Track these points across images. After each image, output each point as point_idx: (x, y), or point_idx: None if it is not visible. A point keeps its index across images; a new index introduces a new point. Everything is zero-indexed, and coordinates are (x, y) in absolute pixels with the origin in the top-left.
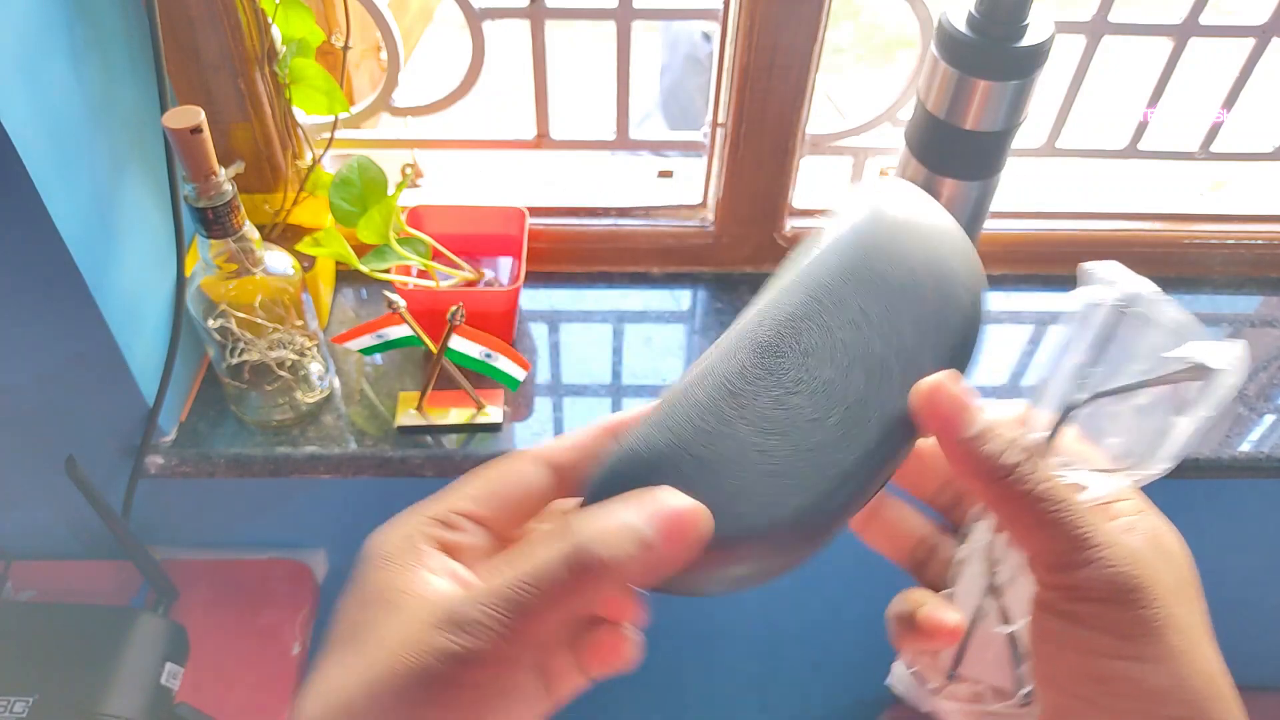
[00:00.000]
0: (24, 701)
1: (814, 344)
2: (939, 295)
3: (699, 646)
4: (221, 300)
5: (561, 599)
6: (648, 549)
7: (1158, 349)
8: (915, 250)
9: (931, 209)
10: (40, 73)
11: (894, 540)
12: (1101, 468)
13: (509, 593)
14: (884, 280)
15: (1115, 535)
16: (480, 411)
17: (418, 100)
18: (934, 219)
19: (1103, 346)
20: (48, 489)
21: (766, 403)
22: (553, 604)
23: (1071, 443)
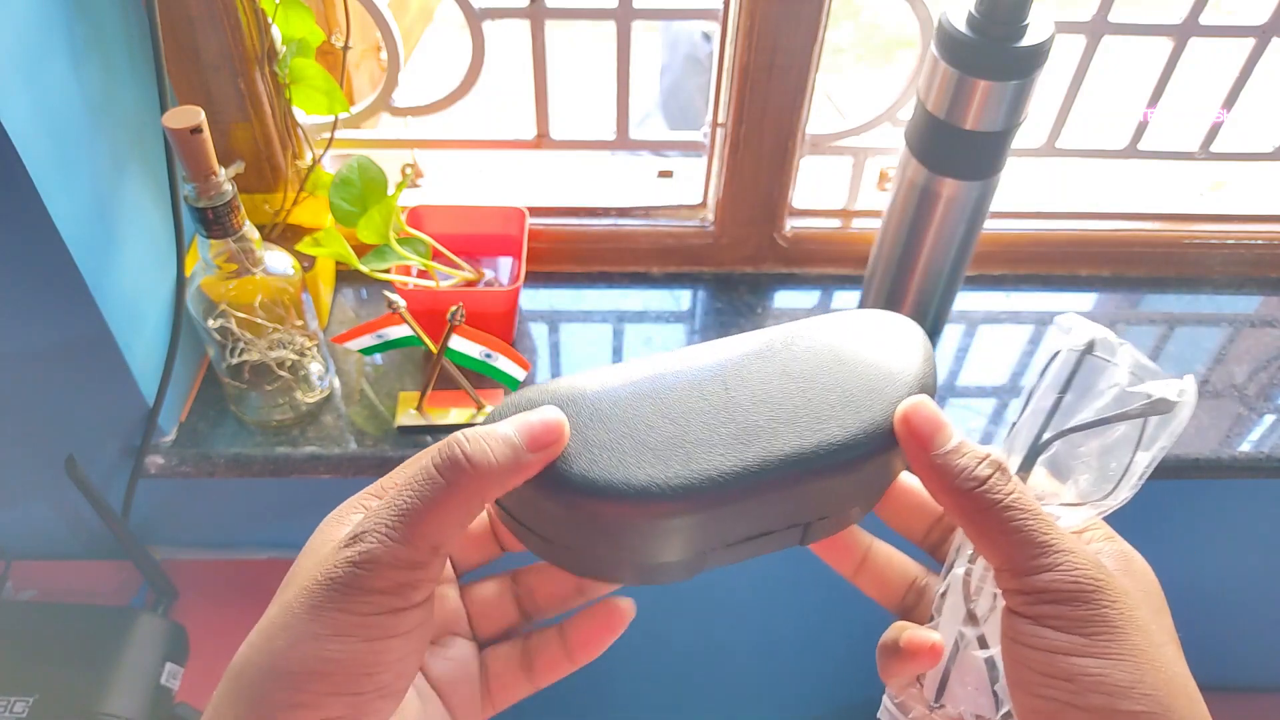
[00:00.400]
0: (24, 701)
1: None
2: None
3: (699, 649)
4: (221, 300)
5: (439, 499)
6: (510, 447)
7: (1118, 388)
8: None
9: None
10: (40, 73)
11: (884, 585)
12: (1069, 502)
13: (396, 501)
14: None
15: (1079, 544)
16: (480, 411)
17: (418, 100)
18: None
19: (1066, 390)
20: (47, 489)
21: (675, 397)
22: (432, 504)
23: (1041, 481)
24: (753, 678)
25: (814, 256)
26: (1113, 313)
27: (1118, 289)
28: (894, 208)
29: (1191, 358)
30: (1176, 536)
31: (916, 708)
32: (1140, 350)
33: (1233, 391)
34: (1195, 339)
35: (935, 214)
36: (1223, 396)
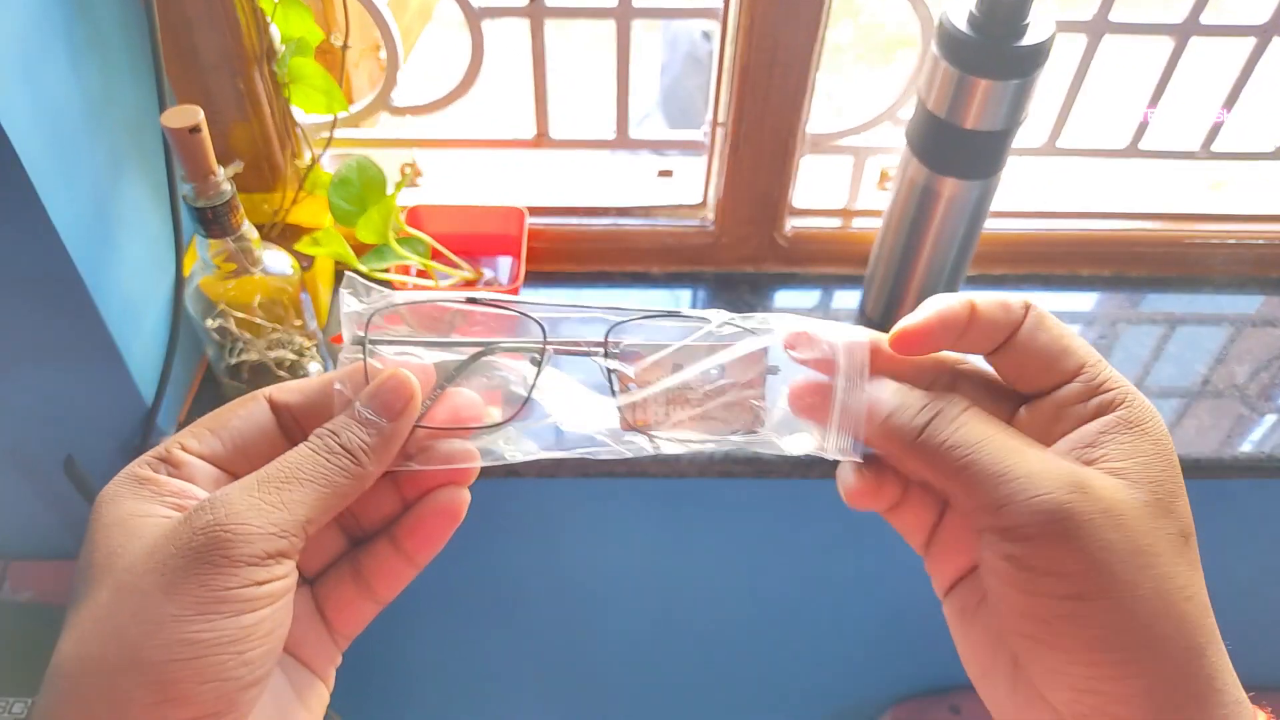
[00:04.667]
0: (22, 702)
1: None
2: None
3: (700, 647)
4: (220, 300)
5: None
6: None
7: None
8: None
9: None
10: (39, 72)
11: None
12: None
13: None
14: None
15: (1038, 463)
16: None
17: (417, 99)
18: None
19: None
20: (46, 489)
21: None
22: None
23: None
24: (753, 678)
25: (814, 256)
26: (1114, 312)
27: (1119, 289)
28: (894, 207)
29: (1193, 357)
30: None
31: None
32: (1142, 350)
33: (1234, 391)
34: (1196, 339)
35: (936, 213)
36: (1224, 396)
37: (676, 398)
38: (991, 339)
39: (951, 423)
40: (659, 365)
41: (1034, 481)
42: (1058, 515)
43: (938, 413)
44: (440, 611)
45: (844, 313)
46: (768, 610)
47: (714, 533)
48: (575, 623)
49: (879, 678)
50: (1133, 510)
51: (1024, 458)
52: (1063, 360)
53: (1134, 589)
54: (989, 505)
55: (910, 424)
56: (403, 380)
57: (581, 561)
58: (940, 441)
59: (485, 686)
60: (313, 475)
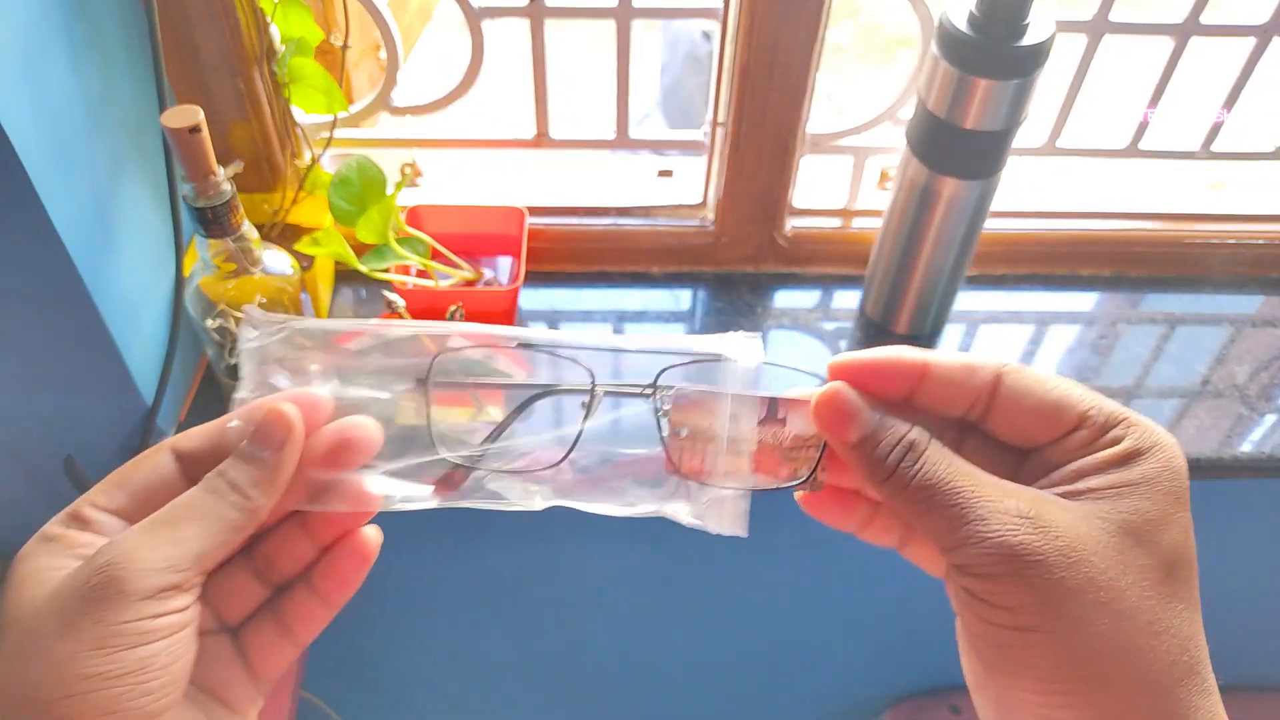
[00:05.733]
0: None
1: None
2: None
3: (700, 646)
4: (220, 300)
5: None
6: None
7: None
8: None
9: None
10: (39, 72)
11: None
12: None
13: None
14: None
15: (993, 506)
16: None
17: (417, 99)
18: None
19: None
20: (46, 489)
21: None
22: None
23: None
24: (752, 678)
25: (814, 256)
26: (1113, 312)
27: (1119, 289)
28: (894, 207)
29: (1192, 358)
30: None
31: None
32: (1142, 350)
33: (1234, 391)
34: (1196, 339)
35: (936, 213)
36: (1224, 396)
37: (728, 447)
38: (957, 401)
39: (916, 462)
40: (711, 411)
41: (986, 524)
42: (1006, 555)
43: (909, 450)
44: (440, 612)
45: (844, 312)
46: (767, 610)
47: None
48: (574, 622)
49: (878, 678)
50: (1094, 544)
51: (981, 498)
52: (1060, 414)
53: (1084, 624)
54: (947, 545)
55: (883, 461)
56: (279, 413)
57: (581, 561)
58: (905, 483)
59: (484, 687)
60: (203, 513)
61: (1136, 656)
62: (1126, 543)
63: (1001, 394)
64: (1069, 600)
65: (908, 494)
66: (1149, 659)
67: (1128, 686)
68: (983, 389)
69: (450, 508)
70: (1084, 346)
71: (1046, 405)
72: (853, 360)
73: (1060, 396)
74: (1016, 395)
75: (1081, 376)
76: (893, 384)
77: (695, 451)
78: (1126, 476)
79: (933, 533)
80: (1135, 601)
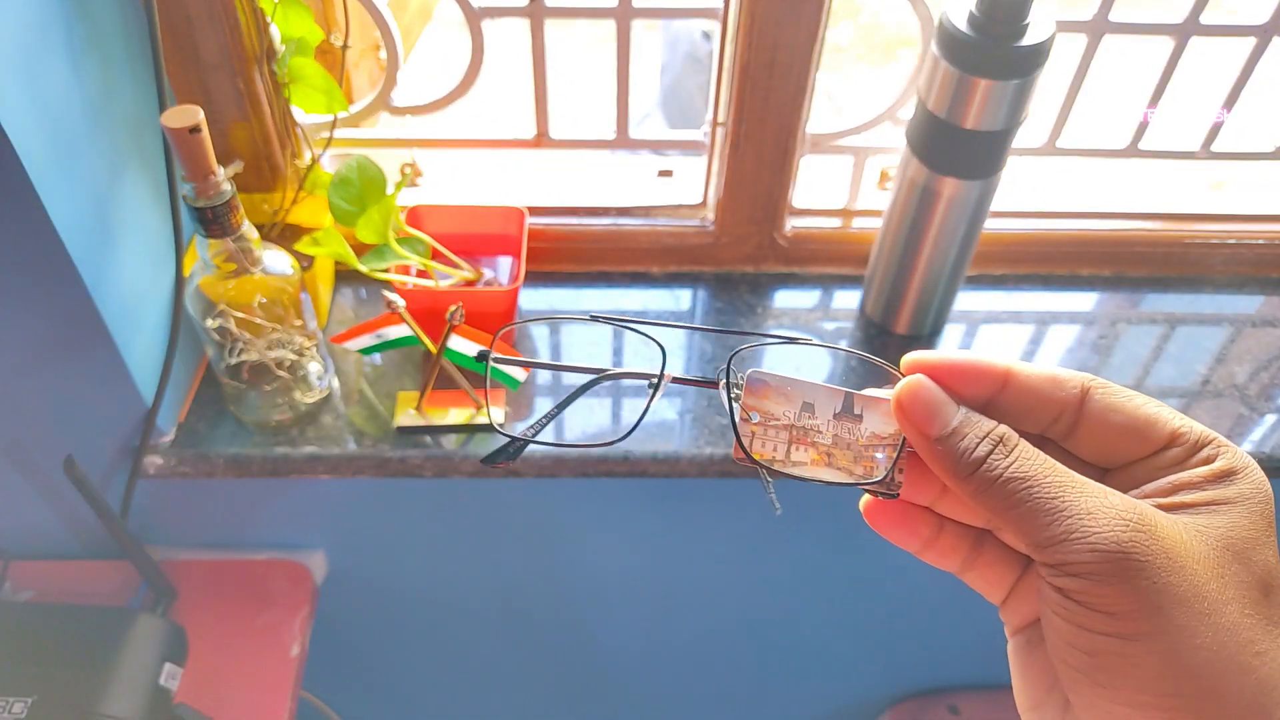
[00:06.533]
0: (22, 702)
1: None
2: None
3: (700, 646)
4: (220, 300)
5: None
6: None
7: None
8: None
9: None
10: (39, 72)
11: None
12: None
13: None
14: None
15: (1097, 503)
16: (480, 411)
17: (417, 99)
18: None
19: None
20: (46, 489)
21: None
22: None
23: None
24: (752, 678)
25: (814, 256)
26: (1114, 312)
27: (1119, 289)
28: (894, 207)
29: (1193, 357)
30: None
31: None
32: (1142, 350)
33: (1234, 391)
34: (1196, 339)
35: (936, 213)
36: (1224, 396)
37: (800, 437)
38: (1042, 413)
39: (1008, 455)
40: (786, 398)
41: (1092, 519)
42: (1114, 555)
43: (999, 443)
44: (440, 611)
45: (844, 312)
46: (767, 610)
47: (713, 532)
48: (575, 622)
49: (878, 678)
50: (1200, 554)
51: (1083, 494)
52: (1153, 431)
53: (1190, 635)
54: (1044, 541)
55: (971, 455)
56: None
57: (581, 561)
58: (995, 477)
59: (485, 686)
60: None
61: (1240, 675)
62: (1226, 557)
63: (1089, 410)
64: (1176, 608)
65: (998, 488)
66: (1252, 679)
67: (1231, 703)
68: (1069, 402)
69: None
70: (1084, 346)
71: (1139, 422)
72: (932, 358)
73: (1152, 413)
74: (1105, 411)
75: None
76: (972, 388)
77: (766, 438)
78: (1225, 494)
79: (1026, 529)
80: (1236, 618)
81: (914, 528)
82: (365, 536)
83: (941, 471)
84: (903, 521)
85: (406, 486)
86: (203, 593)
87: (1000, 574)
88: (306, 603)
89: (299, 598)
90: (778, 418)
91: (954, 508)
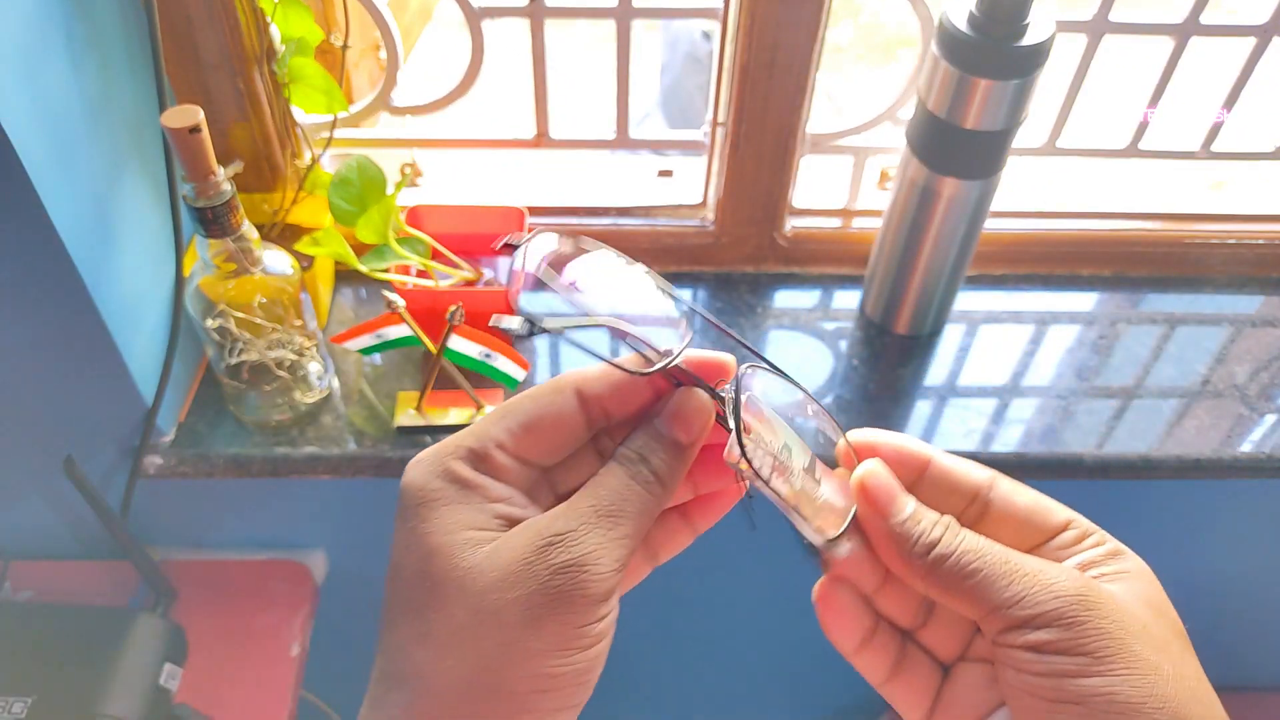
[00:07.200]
0: (22, 702)
1: None
2: None
3: (699, 644)
4: (220, 300)
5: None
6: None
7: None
8: None
9: None
10: (38, 72)
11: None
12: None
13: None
14: None
15: (1047, 564)
16: (480, 411)
17: (417, 99)
18: None
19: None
20: (46, 489)
21: None
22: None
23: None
24: (753, 676)
25: (814, 256)
26: (1113, 312)
27: (1119, 289)
28: (894, 207)
29: (1192, 357)
30: (1177, 536)
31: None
32: (1142, 350)
33: (1234, 391)
34: (1196, 339)
35: (936, 213)
36: (1224, 396)
37: (780, 468)
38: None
39: (958, 535)
40: (772, 431)
41: (1046, 574)
42: (1077, 595)
43: (949, 527)
44: None
45: (844, 312)
46: (767, 608)
47: (713, 531)
48: None
49: None
50: (1137, 607)
51: (1027, 560)
52: (1049, 518)
53: (1157, 668)
54: (1005, 602)
55: (927, 536)
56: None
57: None
58: (949, 553)
59: None
60: (637, 508)
61: (1207, 707)
62: (1151, 611)
63: (995, 497)
64: (1140, 643)
65: (952, 564)
66: (1212, 712)
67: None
68: (981, 488)
69: None
70: (1084, 346)
71: (1038, 509)
72: (880, 440)
73: (1046, 504)
74: (1009, 498)
75: (1081, 376)
76: (900, 472)
77: (755, 456)
78: (1125, 567)
79: (985, 594)
80: (1181, 656)
81: (858, 618)
82: (365, 536)
83: (894, 553)
84: (848, 611)
85: None
86: (203, 593)
87: (924, 682)
88: (307, 603)
89: (299, 598)
90: (767, 443)
91: (889, 601)
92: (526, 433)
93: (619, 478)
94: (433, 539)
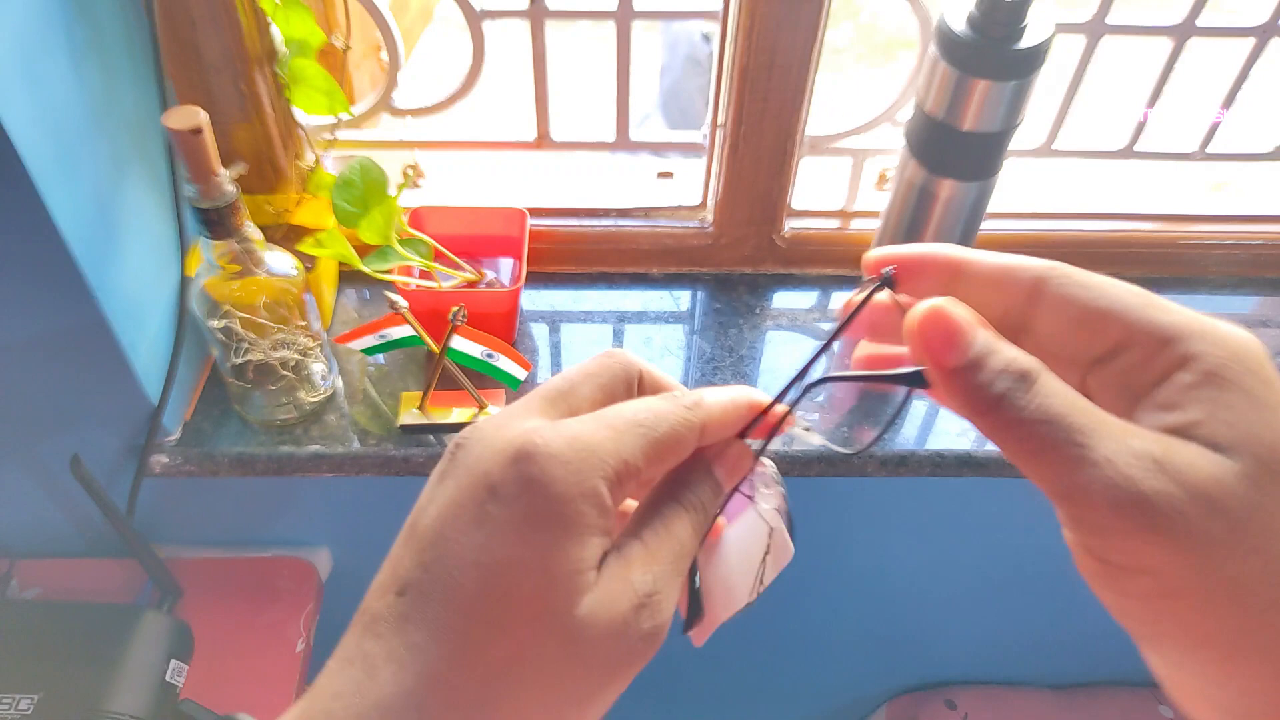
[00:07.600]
0: (29, 699)
1: None
2: None
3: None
4: (225, 301)
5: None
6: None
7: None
8: None
9: None
10: (41, 74)
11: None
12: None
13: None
14: None
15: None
16: (482, 411)
17: (418, 101)
18: None
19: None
20: (53, 488)
21: None
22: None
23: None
24: (750, 673)
25: (813, 257)
26: None
27: None
28: (892, 208)
29: None
30: None
31: None
32: None
33: None
34: None
35: (934, 214)
36: None
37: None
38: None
39: (1028, 392)
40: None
41: (1111, 466)
42: (1137, 505)
43: (1019, 377)
44: None
45: None
46: (764, 606)
47: None
48: None
49: (875, 672)
50: (1230, 485)
51: (1105, 437)
52: (1102, 325)
53: (1237, 580)
54: (1062, 492)
55: (990, 389)
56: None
57: None
58: (1013, 417)
59: None
60: (692, 557)
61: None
62: (1262, 478)
63: (1044, 303)
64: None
65: (1015, 430)
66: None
67: None
68: (1019, 294)
69: None
70: None
71: (1092, 312)
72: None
73: (1105, 304)
74: (1060, 304)
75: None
76: (926, 283)
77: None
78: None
79: (1046, 478)
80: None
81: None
82: (369, 534)
83: (956, 405)
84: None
85: (410, 485)
86: (208, 590)
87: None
88: (311, 600)
89: (304, 595)
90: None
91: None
92: (660, 459)
93: (687, 528)
94: (558, 567)
